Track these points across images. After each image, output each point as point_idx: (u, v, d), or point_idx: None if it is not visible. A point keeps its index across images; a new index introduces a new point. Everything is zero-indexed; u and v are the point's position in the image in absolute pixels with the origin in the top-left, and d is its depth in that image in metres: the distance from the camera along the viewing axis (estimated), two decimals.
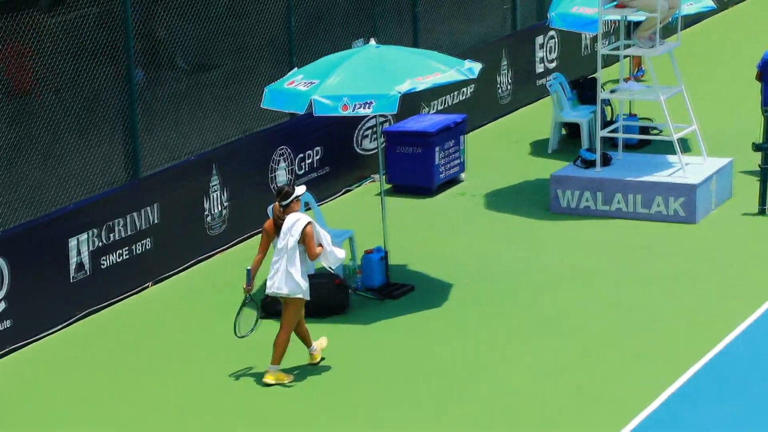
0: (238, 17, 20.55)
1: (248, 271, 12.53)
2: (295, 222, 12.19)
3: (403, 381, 12.38)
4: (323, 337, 12.81)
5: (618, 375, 12.33)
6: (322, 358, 12.68)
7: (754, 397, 11.79)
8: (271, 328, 12.70)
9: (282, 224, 12.21)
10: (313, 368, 12.60)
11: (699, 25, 25.02)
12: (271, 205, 12.79)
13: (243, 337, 12.51)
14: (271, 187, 16.12)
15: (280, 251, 12.19)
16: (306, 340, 12.59)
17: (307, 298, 12.31)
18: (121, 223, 14.28)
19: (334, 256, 12.41)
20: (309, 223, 12.19)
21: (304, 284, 12.23)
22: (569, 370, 12.46)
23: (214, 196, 15.39)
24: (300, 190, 12.39)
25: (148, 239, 14.56)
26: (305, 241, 12.16)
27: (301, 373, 12.54)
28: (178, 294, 14.56)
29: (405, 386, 12.27)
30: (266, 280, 12.37)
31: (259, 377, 12.40)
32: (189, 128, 16.67)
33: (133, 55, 14.69)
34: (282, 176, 16.31)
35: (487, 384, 12.24)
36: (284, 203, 12.30)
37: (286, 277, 12.19)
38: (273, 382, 12.29)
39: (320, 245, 12.27)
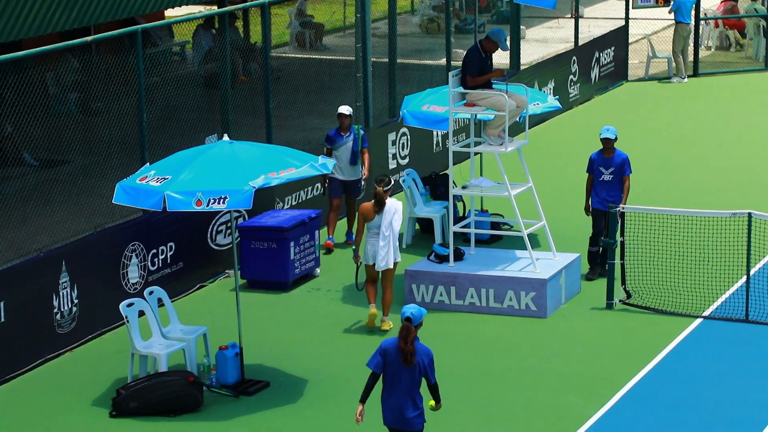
0: (89, 113, 20.44)
1: (355, 250, 15.49)
2: (396, 207, 15.34)
3: None
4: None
5: None
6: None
7: None
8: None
9: (383, 206, 15.27)
10: None
11: (545, 123, 25.59)
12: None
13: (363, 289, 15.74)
14: (122, 283, 15.91)
15: (387, 237, 15.23)
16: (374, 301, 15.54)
17: (400, 259, 15.69)
18: None
19: None
20: (401, 204, 15.57)
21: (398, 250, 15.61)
22: None
23: (64, 293, 15.11)
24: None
25: None
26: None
27: None
28: (24, 394, 14.20)
29: None
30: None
31: None
32: (37, 224, 16.42)
33: None
34: (134, 272, 16.11)
35: None
36: (387, 188, 15.35)
37: (394, 252, 15.32)
38: (388, 328, 15.43)
39: None
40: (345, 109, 18.55)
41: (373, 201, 15.49)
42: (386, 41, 22.13)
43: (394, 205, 15.42)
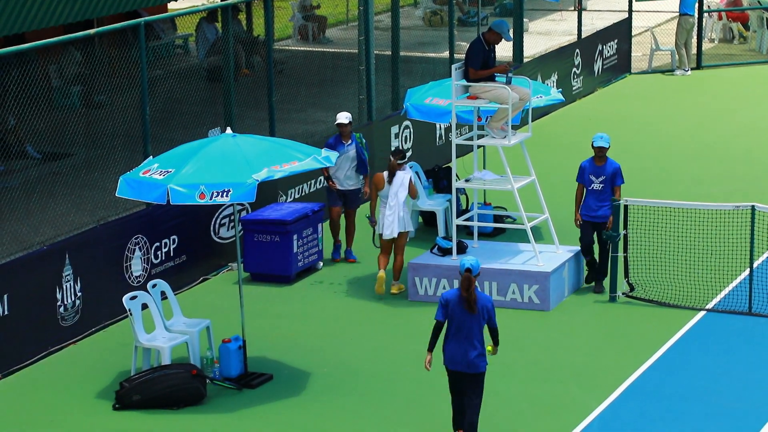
0: (92, 106, 20.46)
1: (369, 217, 16.86)
2: (403, 178, 16.40)
3: None
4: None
5: None
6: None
7: None
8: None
9: (394, 177, 16.33)
10: None
11: (548, 116, 25.59)
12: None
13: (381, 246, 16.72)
14: (125, 276, 15.93)
15: (393, 207, 16.29)
16: (397, 273, 16.56)
17: (412, 229, 17.05)
18: None
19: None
20: (410, 176, 16.57)
21: (410, 221, 16.71)
22: None
23: (67, 286, 15.13)
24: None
25: None
26: (410, 189, 16.52)
27: None
28: (28, 387, 14.22)
29: None
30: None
31: None
32: (41, 217, 16.43)
33: None
34: (138, 265, 16.12)
35: None
36: (401, 161, 16.45)
37: (402, 221, 16.33)
38: (397, 291, 16.49)
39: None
40: (344, 118, 17.70)
41: (386, 171, 16.49)
42: (389, 34, 22.12)
43: (401, 176, 16.40)
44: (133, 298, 14.20)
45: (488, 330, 12.29)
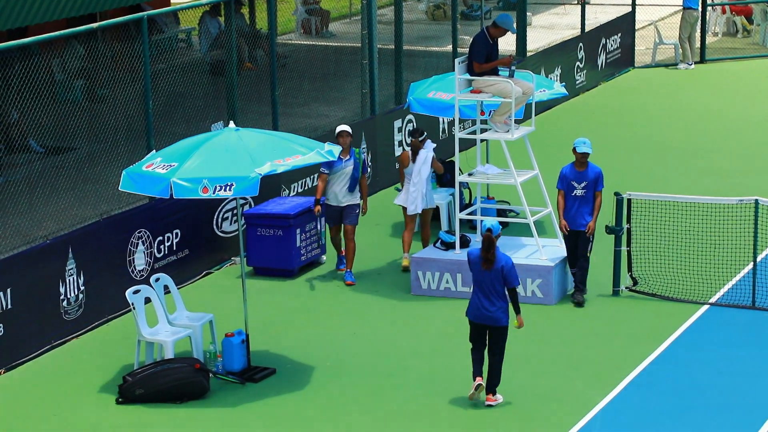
0: (95, 100, 20.44)
1: (399, 189, 17.62)
2: (425, 157, 17.01)
3: None
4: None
5: None
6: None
7: None
8: None
9: (417, 155, 16.99)
10: None
11: (552, 110, 25.57)
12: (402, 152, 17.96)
13: None
14: (129, 270, 15.93)
15: (416, 183, 16.93)
16: (408, 245, 17.15)
17: (435, 205, 17.58)
18: None
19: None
20: (431, 153, 17.14)
21: (432, 198, 17.41)
22: None
23: (70, 280, 15.14)
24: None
25: None
26: (434, 165, 17.17)
27: None
28: (31, 381, 14.23)
29: None
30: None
31: None
32: (44, 211, 16.43)
33: None
34: (141, 259, 16.13)
35: None
36: (421, 139, 17.04)
37: (425, 198, 16.99)
38: (408, 265, 16.84)
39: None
40: (346, 128, 16.79)
41: (410, 150, 17.23)
42: (392, 28, 22.11)
43: (423, 154, 17.07)
44: (136, 292, 14.20)
45: (507, 291, 13.05)
